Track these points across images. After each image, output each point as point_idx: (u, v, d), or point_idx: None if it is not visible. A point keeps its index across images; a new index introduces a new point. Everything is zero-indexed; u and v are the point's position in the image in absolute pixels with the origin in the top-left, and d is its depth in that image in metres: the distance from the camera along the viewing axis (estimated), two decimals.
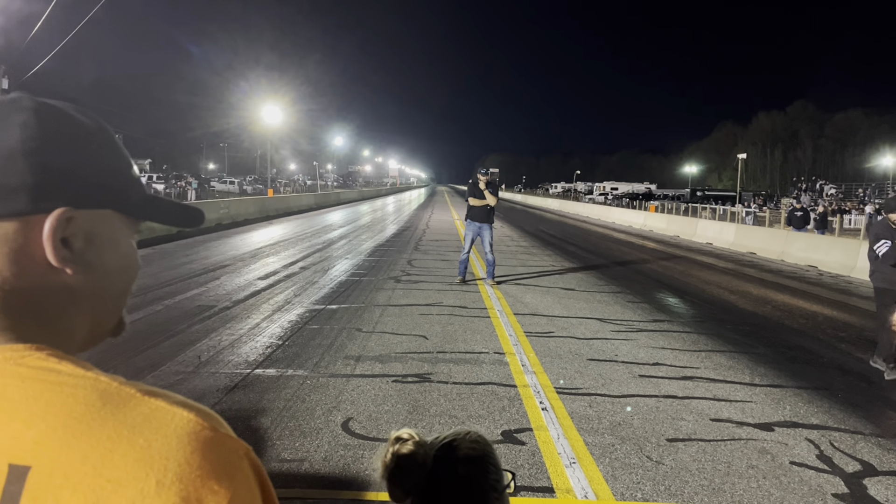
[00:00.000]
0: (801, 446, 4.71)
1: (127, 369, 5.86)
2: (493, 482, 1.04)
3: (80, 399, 0.57)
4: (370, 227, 25.35)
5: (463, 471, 1.02)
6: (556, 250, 18.76)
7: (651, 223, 31.65)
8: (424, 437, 1.03)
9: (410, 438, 1.01)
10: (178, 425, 0.58)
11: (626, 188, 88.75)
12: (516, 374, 6.17)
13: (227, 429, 0.62)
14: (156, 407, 0.59)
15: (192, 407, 0.60)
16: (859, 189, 66.45)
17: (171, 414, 0.58)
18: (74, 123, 0.67)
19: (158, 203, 0.74)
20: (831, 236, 20.83)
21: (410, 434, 1.01)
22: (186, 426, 0.58)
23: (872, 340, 8.42)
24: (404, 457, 0.99)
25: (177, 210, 0.77)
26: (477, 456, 1.04)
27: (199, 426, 0.58)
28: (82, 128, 0.68)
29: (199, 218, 0.79)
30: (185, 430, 0.57)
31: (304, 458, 4.16)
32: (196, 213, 0.79)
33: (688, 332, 8.39)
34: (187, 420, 0.58)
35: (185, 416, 0.59)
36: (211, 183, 63.98)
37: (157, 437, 0.56)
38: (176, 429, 0.57)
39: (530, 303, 9.93)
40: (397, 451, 0.99)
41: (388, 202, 58.01)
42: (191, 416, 0.59)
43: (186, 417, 0.59)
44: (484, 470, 1.04)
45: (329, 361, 6.39)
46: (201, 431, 0.58)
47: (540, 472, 4.11)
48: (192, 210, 0.79)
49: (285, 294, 9.92)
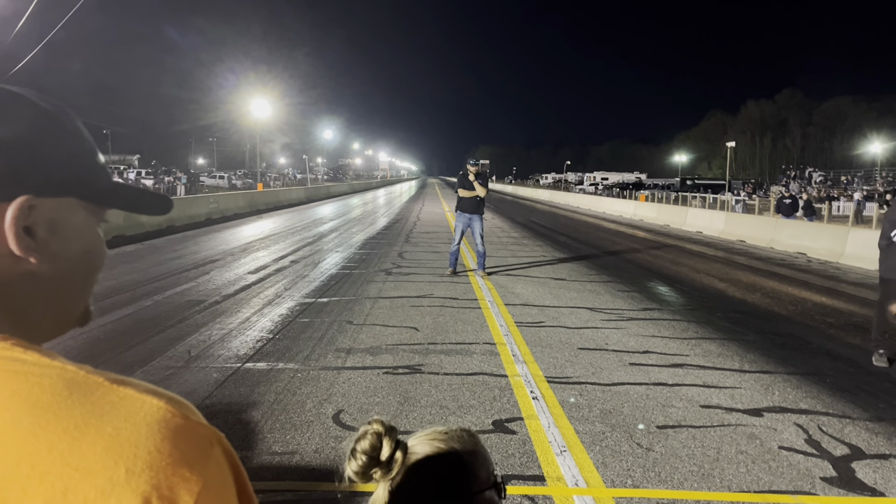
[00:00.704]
0: (789, 431, 4.74)
1: (116, 365, 5.84)
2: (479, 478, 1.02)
3: (47, 388, 0.56)
4: (361, 220, 25.31)
5: (447, 466, 1.00)
6: (546, 241, 18.78)
7: (641, 212, 31.74)
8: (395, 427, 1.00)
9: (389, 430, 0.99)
10: (147, 413, 0.57)
11: (617, 178, 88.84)
12: (507, 365, 6.18)
13: (199, 416, 0.61)
14: (124, 395, 0.58)
15: (161, 395, 0.59)
16: (843, 177, 66.73)
17: (141, 402, 0.57)
18: (35, 109, 0.66)
19: (123, 190, 0.73)
20: (820, 223, 20.94)
21: (390, 425, 0.99)
22: (156, 414, 0.57)
23: (860, 326, 8.49)
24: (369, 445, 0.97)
25: (142, 197, 0.76)
26: (463, 451, 1.02)
27: (170, 413, 0.58)
28: (44, 114, 0.66)
29: (166, 205, 0.77)
30: (155, 417, 0.57)
31: (296, 451, 4.16)
32: (163, 200, 0.78)
33: (678, 320, 8.43)
34: (157, 408, 0.57)
35: (155, 404, 0.58)
36: (200, 178, 63.65)
37: (126, 425, 0.55)
38: (145, 416, 0.56)
39: (521, 293, 9.94)
40: (360, 437, 0.98)
41: (378, 195, 57.90)
42: (160, 404, 0.58)
43: (156, 405, 0.58)
44: (470, 465, 1.02)
45: (320, 354, 6.38)
46: (172, 419, 0.57)
47: (531, 461, 4.12)
48: (158, 197, 0.77)
49: (276, 288, 9.89)
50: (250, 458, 4.04)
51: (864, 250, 15.16)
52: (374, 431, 0.97)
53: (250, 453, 4.11)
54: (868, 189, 49.25)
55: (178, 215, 20.91)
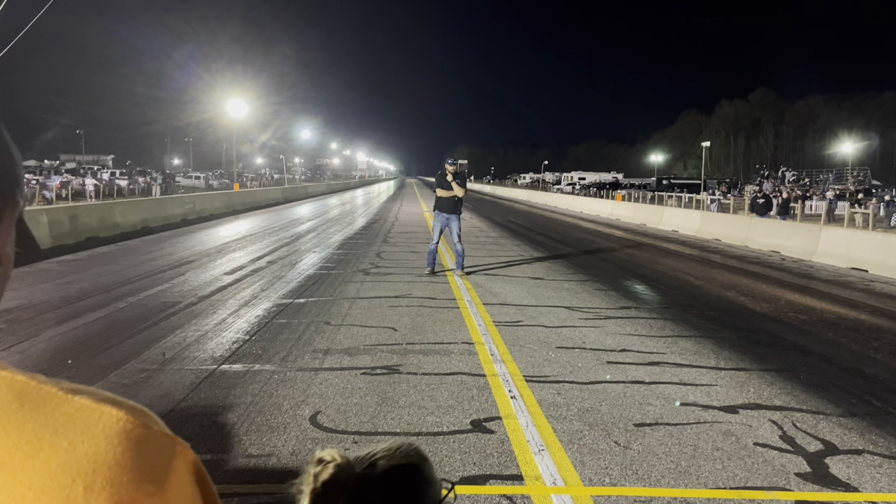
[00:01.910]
0: (764, 427, 4.79)
1: (89, 369, 5.75)
2: (424, 497, 1.00)
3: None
4: (339, 220, 25.19)
5: (388, 488, 0.97)
6: (524, 240, 18.83)
7: (618, 212, 31.95)
8: (348, 456, 0.97)
9: (333, 460, 0.95)
10: (106, 424, 0.54)
11: (594, 178, 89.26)
12: (485, 364, 6.18)
13: (161, 425, 0.59)
14: (81, 406, 0.54)
15: (121, 404, 0.57)
16: (805, 178, 67.63)
17: (99, 412, 0.54)
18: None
19: None
20: (793, 222, 21.23)
21: (333, 455, 0.96)
22: (116, 425, 0.54)
23: (833, 322, 8.61)
24: (327, 480, 0.94)
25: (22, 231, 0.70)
26: (405, 471, 0.99)
27: (131, 424, 0.55)
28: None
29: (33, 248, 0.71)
30: (115, 429, 0.54)
31: (272, 453, 4.12)
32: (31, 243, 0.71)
33: (654, 318, 8.49)
34: (117, 418, 0.55)
35: (115, 415, 0.55)
36: (176, 178, 62.98)
37: (83, 438, 0.52)
38: (104, 428, 0.53)
39: (499, 293, 9.95)
40: (318, 473, 0.95)
41: (356, 195, 57.70)
42: (121, 414, 0.55)
43: (116, 415, 0.55)
44: (414, 485, 1.00)
45: (297, 355, 6.33)
46: (133, 430, 0.54)
47: (509, 460, 4.12)
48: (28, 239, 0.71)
49: (252, 289, 9.80)
50: (226, 461, 3.99)
51: (837, 248, 15.40)
52: (335, 464, 0.94)
53: (226, 456, 4.07)
54: (839, 188, 50.00)
55: (153, 216, 20.66)
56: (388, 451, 1.00)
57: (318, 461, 0.95)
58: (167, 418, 4.61)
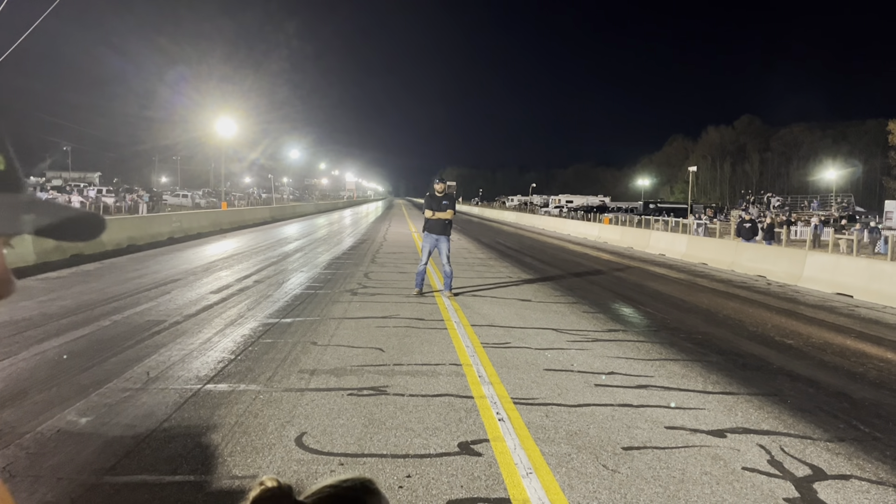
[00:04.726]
0: (752, 452, 4.78)
1: (71, 387, 5.66)
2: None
3: None
4: (327, 240, 25.13)
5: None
6: (512, 262, 18.85)
7: (606, 235, 32.08)
8: (291, 485, 0.94)
9: (272, 486, 0.92)
10: None
11: (581, 201, 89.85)
12: (473, 386, 6.14)
13: None
14: None
15: None
16: (805, 200, 68.50)
17: None
18: None
19: None
20: (779, 247, 21.40)
21: (274, 481, 0.93)
22: None
23: (819, 347, 8.64)
24: None
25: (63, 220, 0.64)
26: (349, 503, 0.97)
27: None
28: None
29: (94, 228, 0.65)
30: None
31: (256, 475, 4.05)
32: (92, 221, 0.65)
33: (642, 341, 8.49)
34: None
35: None
36: (163, 196, 62.72)
37: None
38: None
39: (487, 314, 9.93)
40: (257, 498, 0.92)
41: (345, 215, 57.65)
42: None
43: None
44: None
45: (283, 375, 6.26)
46: None
47: (497, 483, 4.08)
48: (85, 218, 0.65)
49: (238, 308, 9.73)
50: (209, 483, 3.92)
51: (822, 273, 15.52)
52: (269, 487, 0.91)
53: (209, 477, 3.99)
54: (824, 214, 50.56)
55: (140, 234, 20.51)
56: (336, 484, 0.98)
57: (259, 485, 0.92)
58: (150, 438, 4.53)
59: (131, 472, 4.00)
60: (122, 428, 4.73)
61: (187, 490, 3.80)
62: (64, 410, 5.07)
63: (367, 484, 1.00)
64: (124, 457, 4.22)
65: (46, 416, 4.94)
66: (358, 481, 0.99)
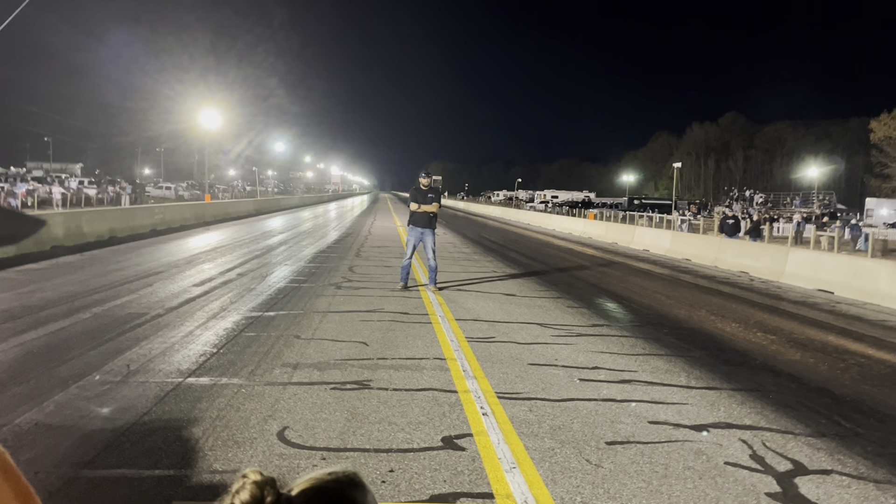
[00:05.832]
0: (734, 447, 4.80)
1: (49, 380, 5.58)
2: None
3: None
4: (311, 234, 25.01)
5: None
6: (497, 256, 18.85)
7: (590, 230, 32.20)
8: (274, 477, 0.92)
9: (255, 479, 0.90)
10: None
11: (567, 196, 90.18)
12: (457, 380, 6.12)
13: None
14: None
15: None
16: (787, 197, 69.17)
17: None
18: None
19: None
20: (762, 243, 21.56)
21: (256, 474, 0.91)
22: None
23: (801, 343, 8.71)
24: (246, 500, 0.88)
25: None
26: (330, 495, 0.95)
27: None
28: None
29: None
30: None
31: (238, 469, 4.01)
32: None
33: (626, 336, 8.51)
34: None
35: None
36: (146, 188, 62.14)
37: None
38: None
39: (472, 308, 9.92)
40: (238, 490, 0.90)
41: (330, 208, 57.44)
42: None
43: None
44: None
45: (265, 369, 6.22)
46: None
47: (480, 478, 4.06)
48: None
49: (221, 301, 9.65)
50: (189, 477, 3.88)
51: (804, 270, 15.65)
52: (252, 481, 0.89)
53: (189, 471, 3.95)
54: (806, 211, 51.03)
55: (122, 226, 20.31)
56: (321, 477, 0.96)
57: (242, 477, 0.90)
58: (130, 432, 4.48)
59: (110, 465, 3.95)
60: (102, 421, 4.67)
61: (167, 484, 3.75)
62: (42, 403, 5.00)
63: (352, 477, 0.98)
64: (103, 450, 4.16)
65: (24, 408, 4.87)
66: (343, 475, 0.98)
